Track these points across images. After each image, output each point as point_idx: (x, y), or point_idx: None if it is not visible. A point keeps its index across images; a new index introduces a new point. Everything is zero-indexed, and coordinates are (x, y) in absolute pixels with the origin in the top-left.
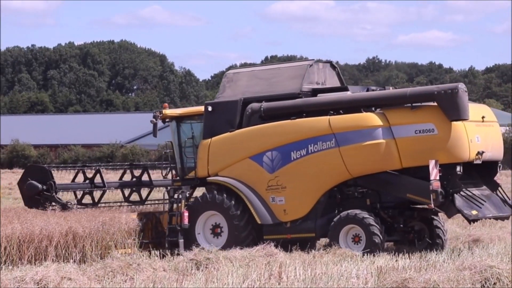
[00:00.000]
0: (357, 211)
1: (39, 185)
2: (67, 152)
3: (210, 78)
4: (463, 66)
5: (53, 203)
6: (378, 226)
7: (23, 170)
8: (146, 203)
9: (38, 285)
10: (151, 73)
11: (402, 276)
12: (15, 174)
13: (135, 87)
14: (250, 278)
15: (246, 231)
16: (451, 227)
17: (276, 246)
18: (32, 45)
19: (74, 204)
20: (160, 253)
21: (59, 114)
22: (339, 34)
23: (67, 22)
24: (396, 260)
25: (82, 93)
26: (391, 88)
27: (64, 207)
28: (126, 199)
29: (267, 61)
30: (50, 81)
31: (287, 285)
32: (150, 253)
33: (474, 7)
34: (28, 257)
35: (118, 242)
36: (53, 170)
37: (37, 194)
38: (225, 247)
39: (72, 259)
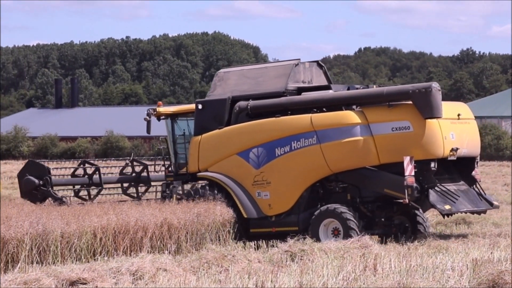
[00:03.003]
0: (336, 206)
1: (36, 180)
2: (160, 144)
3: None
4: None
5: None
6: (355, 220)
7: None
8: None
9: (133, 276)
10: (242, 64)
11: (498, 268)
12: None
13: None
14: (345, 270)
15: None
16: None
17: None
18: (127, 37)
19: (69, 197)
20: (255, 244)
21: (153, 106)
22: (433, 25)
23: (161, 14)
24: (491, 253)
25: (175, 84)
26: (374, 86)
27: (60, 201)
28: (124, 191)
29: (360, 53)
30: (144, 73)
31: (382, 277)
32: (245, 245)
33: None
34: (124, 248)
35: (213, 233)
36: (51, 162)
37: (34, 189)
38: None
39: (167, 250)
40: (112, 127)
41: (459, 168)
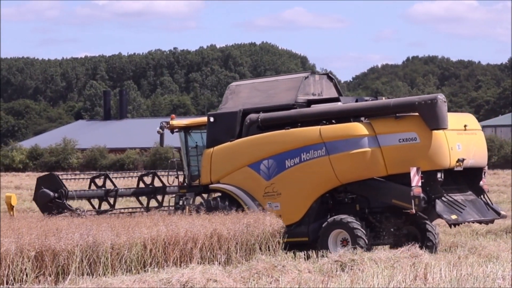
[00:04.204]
0: (344, 216)
1: (51, 193)
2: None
3: (351, 80)
4: None
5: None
6: (363, 231)
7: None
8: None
9: (184, 287)
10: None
11: None
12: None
13: None
14: (396, 280)
15: None
16: None
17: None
18: (174, 48)
19: (83, 211)
20: (304, 254)
21: (201, 117)
22: (482, 34)
23: (209, 25)
24: None
25: (223, 95)
26: (383, 98)
27: (74, 213)
28: (146, 207)
29: (409, 61)
30: (192, 84)
31: (432, 286)
32: (295, 255)
33: None
34: (174, 259)
35: (262, 244)
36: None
37: (49, 201)
38: None
39: (217, 261)
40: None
41: (467, 178)
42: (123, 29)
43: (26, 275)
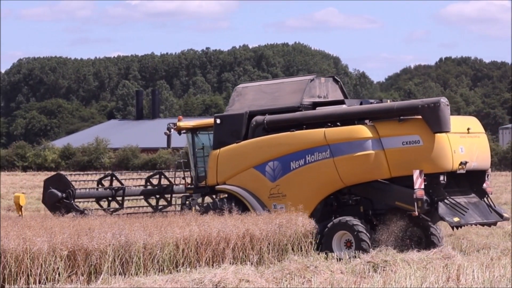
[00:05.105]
0: (348, 218)
1: (59, 193)
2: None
3: (384, 80)
4: None
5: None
6: (366, 232)
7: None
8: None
9: (216, 287)
10: (324, 75)
11: None
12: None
13: None
14: (428, 281)
15: None
16: None
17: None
18: (207, 48)
19: (90, 210)
20: (337, 255)
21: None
22: None
23: (241, 25)
24: None
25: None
26: (388, 101)
27: (82, 213)
28: (155, 208)
29: (441, 62)
30: (224, 84)
31: (465, 287)
32: (327, 255)
33: None
34: (206, 259)
35: (295, 244)
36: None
37: (57, 201)
38: None
39: (249, 261)
40: None
41: (470, 181)
42: (155, 29)
43: (59, 274)
